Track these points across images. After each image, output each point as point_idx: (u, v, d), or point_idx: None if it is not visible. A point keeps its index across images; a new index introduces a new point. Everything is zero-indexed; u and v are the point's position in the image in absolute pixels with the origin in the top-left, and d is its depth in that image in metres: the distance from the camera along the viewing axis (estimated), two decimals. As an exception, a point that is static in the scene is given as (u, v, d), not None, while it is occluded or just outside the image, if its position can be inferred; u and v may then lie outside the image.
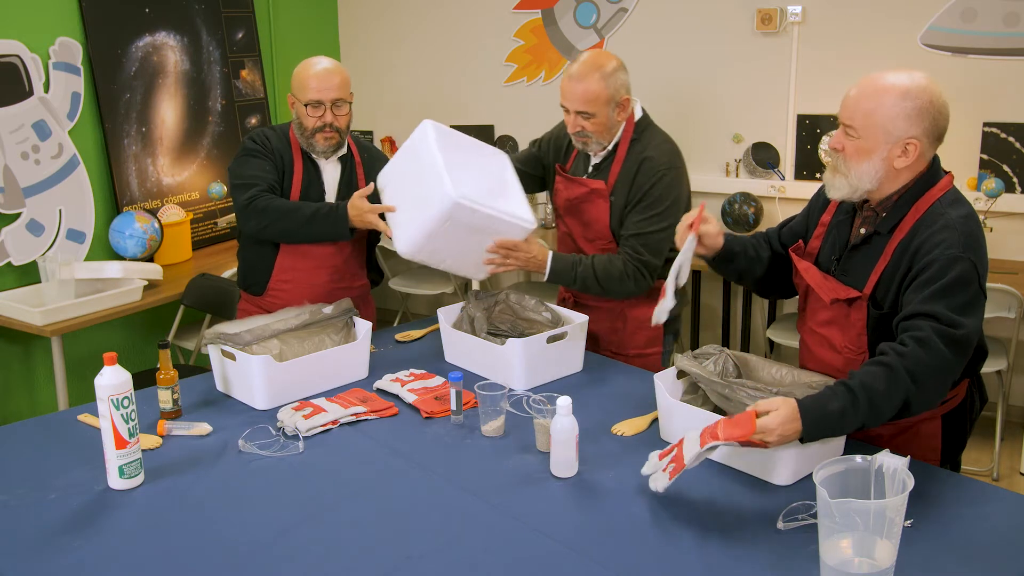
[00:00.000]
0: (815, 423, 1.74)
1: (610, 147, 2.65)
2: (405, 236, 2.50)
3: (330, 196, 2.81)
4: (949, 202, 1.89)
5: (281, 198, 2.70)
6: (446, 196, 2.36)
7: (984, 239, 1.89)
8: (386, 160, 2.80)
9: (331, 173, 2.81)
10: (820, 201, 2.16)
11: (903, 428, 2.04)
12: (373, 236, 2.95)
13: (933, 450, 2.04)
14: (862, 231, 2.00)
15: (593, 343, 2.77)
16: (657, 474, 1.83)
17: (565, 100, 2.61)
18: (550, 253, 2.63)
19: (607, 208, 2.66)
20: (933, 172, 1.92)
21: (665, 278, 2.36)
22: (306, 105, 2.67)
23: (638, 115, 2.67)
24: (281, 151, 2.76)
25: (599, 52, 2.63)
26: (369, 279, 3.00)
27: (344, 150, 2.82)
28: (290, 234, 2.69)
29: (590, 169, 2.72)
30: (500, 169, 2.67)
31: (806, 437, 1.75)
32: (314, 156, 2.77)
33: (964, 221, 1.86)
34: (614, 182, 2.64)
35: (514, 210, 2.52)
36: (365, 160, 2.88)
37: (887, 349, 1.81)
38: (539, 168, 2.91)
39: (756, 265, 2.24)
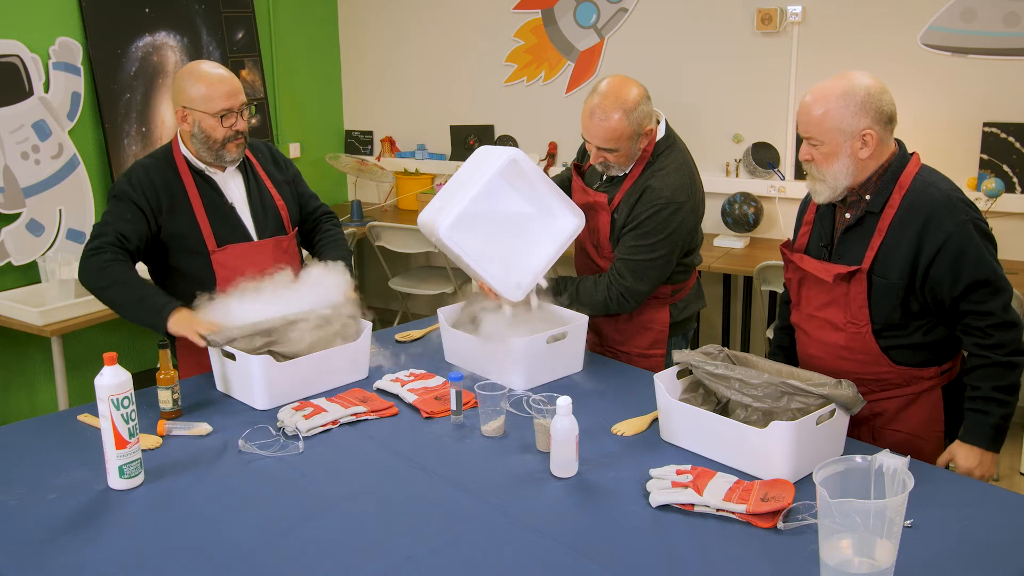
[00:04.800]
0: (987, 431, 2.03)
1: (627, 169, 2.63)
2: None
3: (243, 210, 2.61)
4: (928, 172, 2.11)
5: (125, 265, 2.42)
6: (440, 224, 2.40)
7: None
8: (280, 154, 2.76)
9: (234, 187, 2.62)
10: (802, 206, 2.33)
11: (909, 400, 2.18)
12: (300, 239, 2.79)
13: (937, 421, 2.18)
14: (847, 216, 2.16)
15: (598, 339, 2.78)
16: (663, 492, 1.81)
17: (587, 135, 2.55)
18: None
19: (609, 222, 2.65)
20: (903, 153, 2.13)
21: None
22: (219, 116, 2.48)
23: (660, 134, 2.60)
24: (167, 182, 2.53)
25: (620, 84, 2.50)
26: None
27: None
28: (116, 305, 2.44)
29: (603, 179, 2.70)
30: (545, 232, 2.56)
31: (998, 447, 2.05)
32: (209, 173, 2.56)
33: (952, 188, 2.08)
34: (619, 201, 2.62)
35: (506, 276, 2.48)
36: (262, 162, 2.70)
37: (976, 352, 2.05)
38: None
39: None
